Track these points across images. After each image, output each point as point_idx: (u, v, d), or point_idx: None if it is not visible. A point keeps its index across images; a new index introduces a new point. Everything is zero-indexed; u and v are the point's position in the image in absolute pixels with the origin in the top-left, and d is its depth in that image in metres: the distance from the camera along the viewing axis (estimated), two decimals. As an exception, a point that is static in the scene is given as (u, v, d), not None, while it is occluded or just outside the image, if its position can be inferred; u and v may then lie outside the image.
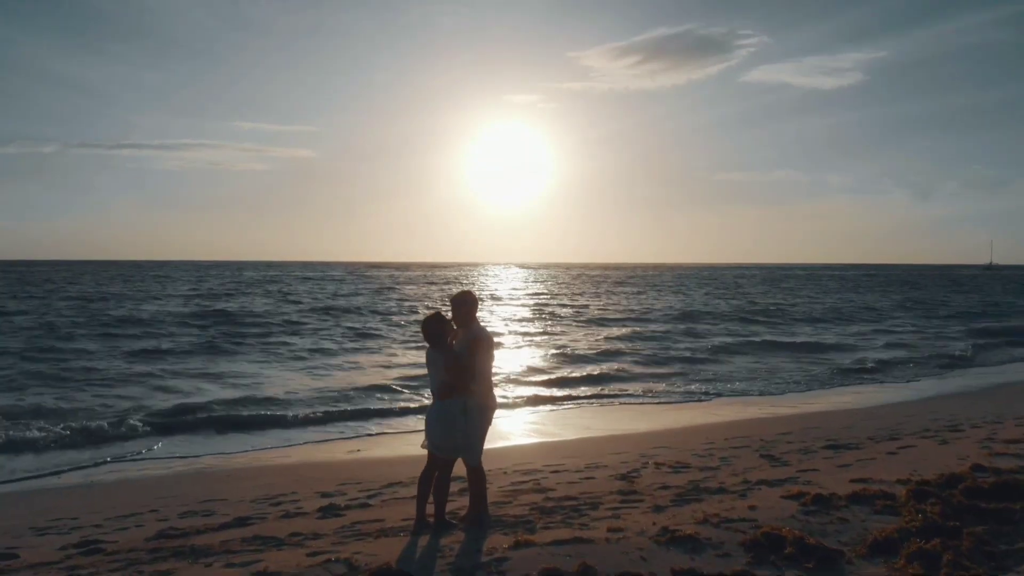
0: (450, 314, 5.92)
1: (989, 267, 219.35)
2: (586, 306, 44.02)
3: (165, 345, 20.89)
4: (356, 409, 12.95)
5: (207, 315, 30.33)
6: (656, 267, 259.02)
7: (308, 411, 12.53)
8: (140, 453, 10.34)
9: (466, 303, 5.86)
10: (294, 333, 25.64)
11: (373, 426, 11.98)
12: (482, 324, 5.94)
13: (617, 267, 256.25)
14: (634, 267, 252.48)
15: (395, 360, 19.12)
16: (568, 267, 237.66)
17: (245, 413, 12.11)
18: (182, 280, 78.33)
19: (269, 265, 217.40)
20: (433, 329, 5.70)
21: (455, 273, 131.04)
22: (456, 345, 5.77)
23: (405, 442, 10.93)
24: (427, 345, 5.84)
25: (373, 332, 26.16)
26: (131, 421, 11.61)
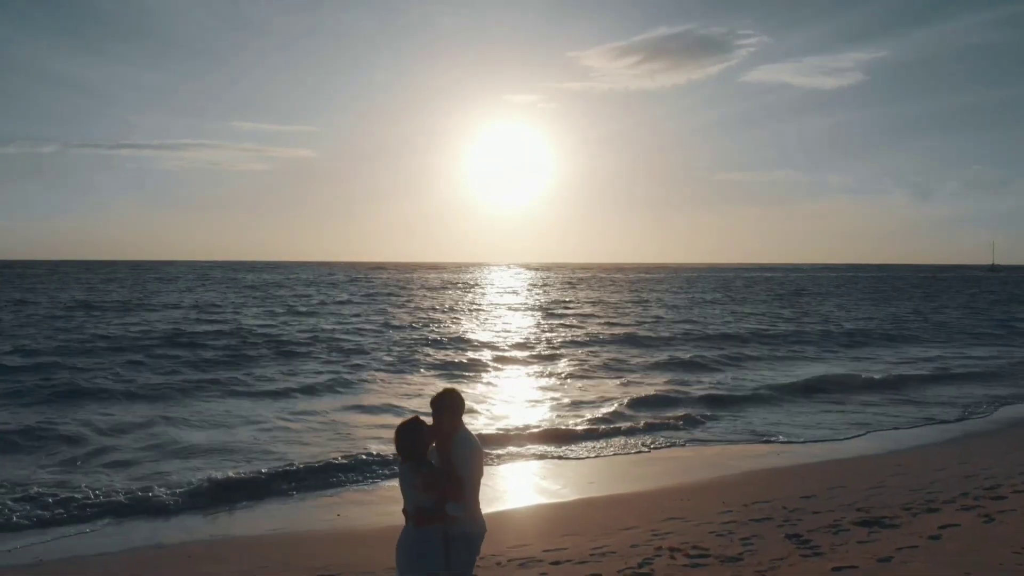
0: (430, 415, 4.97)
1: (992, 268, 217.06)
2: (593, 317, 42.00)
3: (134, 379, 18.92)
4: (342, 467, 11.73)
5: (191, 336, 27.78)
6: (658, 267, 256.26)
7: (288, 477, 11.19)
8: (94, 528, 9.30)
9: (451, 406, 4.90)
10: (282, 359, 23.29)
11: (355, 491, 10.84)
12: (469, 429, 4.97)
13: (618, 267, 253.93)
14: (635, 267, 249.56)
15: (387, 401, 17.76)
16: (570, 267, 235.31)
17: (214, 478, 10.87)
18: (178, 284, 77.29)
19: (267, 265, 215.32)
20: (408, 441, 4.72)
21: (455, 276, 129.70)
22: (437, 457, 4.81)
23: (388, 499, 9.94)
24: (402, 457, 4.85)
25: (367, 359, 23.74)
26: (85, 494, 10.14)
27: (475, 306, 49.46)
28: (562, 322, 38.30)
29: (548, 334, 32.33)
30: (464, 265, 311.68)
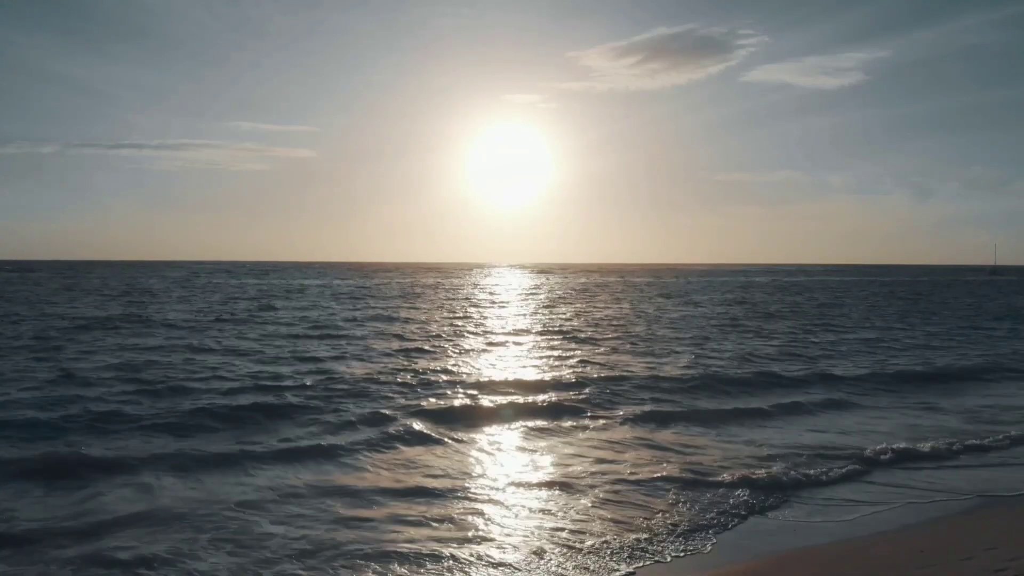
0: None
1: (994, 271, 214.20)
2: (624, 342, 35.26)
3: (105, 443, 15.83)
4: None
5: (158, 371, 24.10)
6: (660, 268, 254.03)
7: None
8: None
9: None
10: (273, 418, 19.08)
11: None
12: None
13: (621, 269, 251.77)
14: (637, 269, 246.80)
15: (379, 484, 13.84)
16: (572, 269, 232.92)
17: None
18: (172, 288, 76.16)
19: (268, 267, 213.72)
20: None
21: (459, 281, 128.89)
22: None
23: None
24: None
25: (362, 411, 19.50)
26: None
27: (486, 328, 46.97)
28: (593, 350, 31.99)
29: (579, 371, 26.56)
30: (465, 266, 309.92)
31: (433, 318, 51.19)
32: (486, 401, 21.59)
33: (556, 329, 43.45)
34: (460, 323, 47.76)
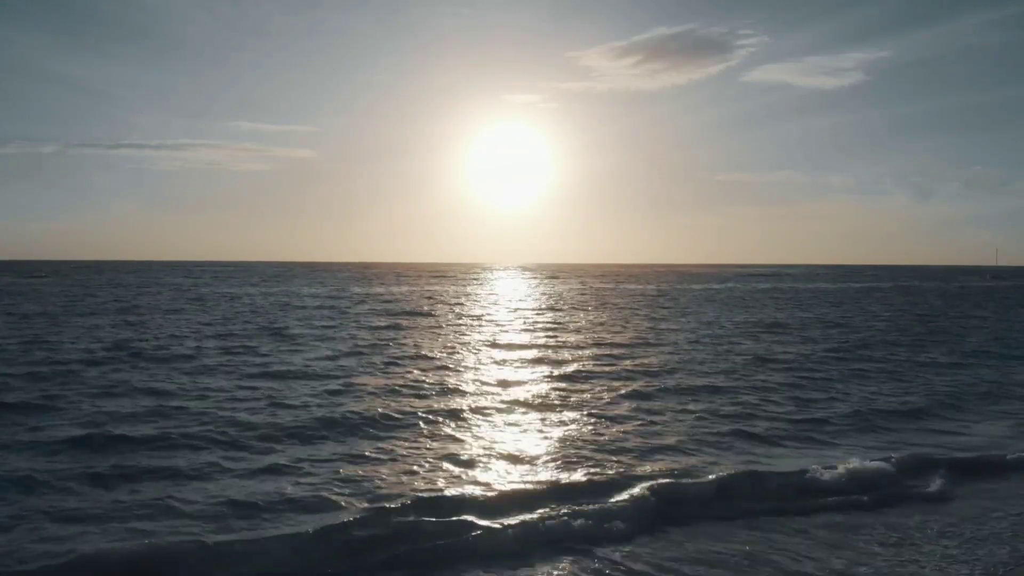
0: None
1: (996, 275, 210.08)
2: (702, 391, 26.80)
3: None
4: None
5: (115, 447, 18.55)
6: (662, 269, 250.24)
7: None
8: None
9: None
10: None
11: None
12: None
13: (625, 270, 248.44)
14: (641, 270, 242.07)
15: None
16: (576, 271, 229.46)
17: None
18: (165, 302, 74.25)
19: (268, 268, 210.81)
20: None
21: (464, 288, 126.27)
22: None
23: None
24: None
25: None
26: None
27: (513, 377, 33.11)
28: (651, 408, 20.17)
29: (639, 443, 16.44)
30: (466, 267, 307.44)
31: (446, 355, 44.82)
32: (518, 518, 12.73)
33: (596, 370, 30.70)
34: (480, 360, 39.40)
